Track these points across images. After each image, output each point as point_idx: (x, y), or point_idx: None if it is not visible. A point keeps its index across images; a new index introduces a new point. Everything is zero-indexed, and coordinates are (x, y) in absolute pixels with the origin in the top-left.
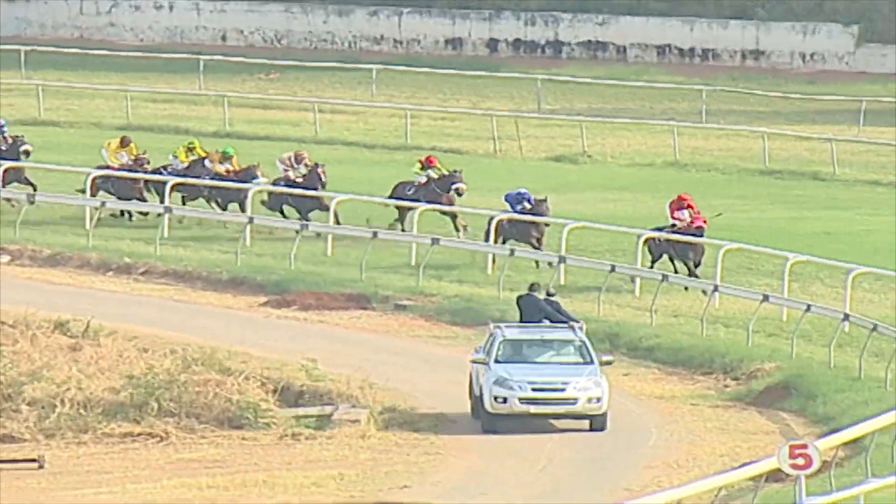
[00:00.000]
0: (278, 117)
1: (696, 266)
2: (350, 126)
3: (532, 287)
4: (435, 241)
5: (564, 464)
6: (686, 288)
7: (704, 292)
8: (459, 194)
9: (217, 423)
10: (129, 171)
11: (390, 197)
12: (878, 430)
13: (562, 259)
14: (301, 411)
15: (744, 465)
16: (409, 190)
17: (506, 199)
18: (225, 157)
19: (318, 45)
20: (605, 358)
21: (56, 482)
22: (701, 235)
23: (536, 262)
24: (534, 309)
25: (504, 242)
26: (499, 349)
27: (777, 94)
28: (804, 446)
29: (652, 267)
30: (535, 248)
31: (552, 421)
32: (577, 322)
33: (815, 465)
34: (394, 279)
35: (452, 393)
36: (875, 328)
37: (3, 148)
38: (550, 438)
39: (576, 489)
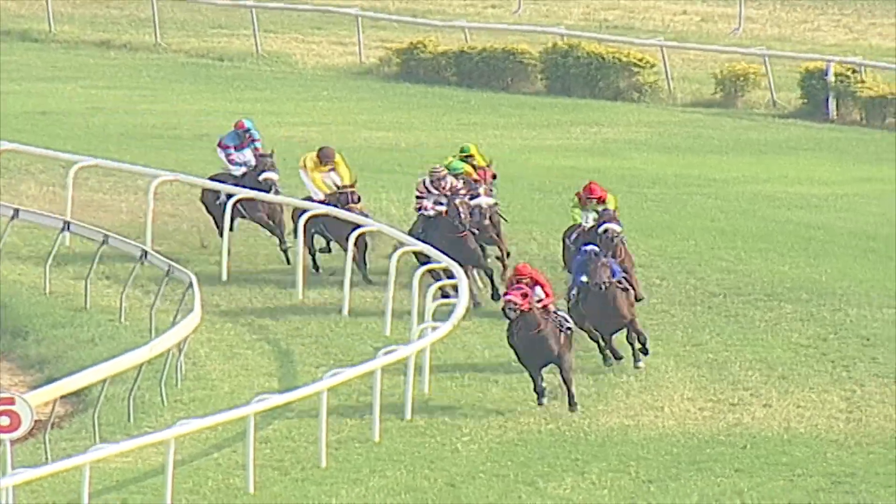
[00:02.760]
0: None
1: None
2: None
3: None
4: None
5: None
6: None
7: None
8: (611, 239)
9: None
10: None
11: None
12: (111, 377)
13: None
14: None
15: None
16: (572, 237)
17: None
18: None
19: None
20: None
21: None
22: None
23: None
24: None
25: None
26: None
27: None
28: (10, 401)
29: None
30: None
31: None
32: None
33: (26, 427)
34: None
35: None
36: (106, 240)
37: (248, 167)
38: None
39: None
